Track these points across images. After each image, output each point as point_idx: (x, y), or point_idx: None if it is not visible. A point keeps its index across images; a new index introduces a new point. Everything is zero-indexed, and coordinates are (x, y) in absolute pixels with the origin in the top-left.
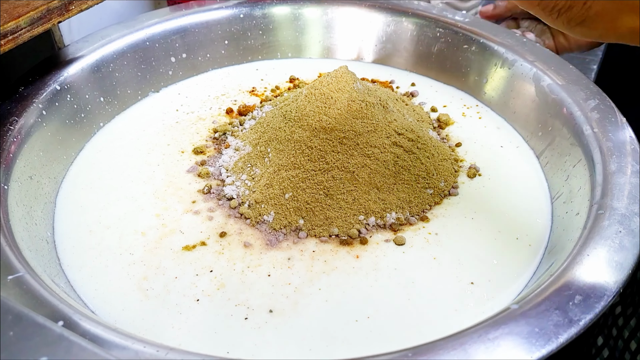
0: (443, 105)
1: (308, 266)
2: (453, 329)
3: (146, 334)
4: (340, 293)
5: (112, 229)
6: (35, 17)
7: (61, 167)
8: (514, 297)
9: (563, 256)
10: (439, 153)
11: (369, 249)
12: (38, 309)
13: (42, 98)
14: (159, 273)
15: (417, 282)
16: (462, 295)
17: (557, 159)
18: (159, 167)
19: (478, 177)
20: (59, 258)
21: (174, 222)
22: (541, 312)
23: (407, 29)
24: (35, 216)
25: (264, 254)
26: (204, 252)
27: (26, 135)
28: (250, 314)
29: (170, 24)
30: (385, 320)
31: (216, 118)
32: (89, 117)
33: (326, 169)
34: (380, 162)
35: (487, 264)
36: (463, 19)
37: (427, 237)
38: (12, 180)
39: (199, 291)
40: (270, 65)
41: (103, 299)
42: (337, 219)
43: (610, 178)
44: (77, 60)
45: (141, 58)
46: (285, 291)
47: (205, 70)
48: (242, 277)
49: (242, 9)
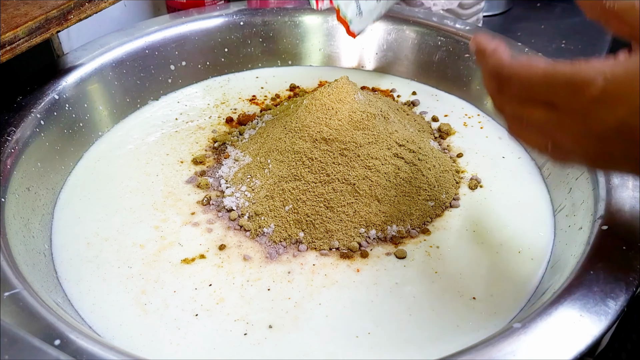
0: (444, 114)
1: (308, 280)
2: (455, 345)
3: (144, 349)
4: (340, 308)
5: (110, 241)
6: (33, 27)
7: (59, 178)
8: (517, 312)
9: (566, 272)
10: (440, 164)
11: (369, 262)
12: (34, 325)
13: (40, 108)
14: (158, 287)
15: (418, 297)
16: (464, 311)
17: (559, 171)
18: (158, 178)
19: (479, 188)
20: (56, 271)
21: (173, 234)
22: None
23: (408, 37)
24: (33, 229)
25: (264, 268)
26: (203, 266)
27: (24, 145)
28: (250, 330)
29: (169, 31)
30: (386, 336)
31: (216, 127)
32: (87, 126)
33: (327, 181)
34: (381, 174)
35: (489, 278)
36: (464, 27)
37: (428, 251)
38: (9, 193)
39: (197, 305)
40: (270, 73)
41: (100, 314)
42: (338, 231)
43: (613, 192)
44: (75, 68)
45: (140, 66)
46: (285, 306)
47: (205, 78)
48: (241, 291)
49: (242, 17)
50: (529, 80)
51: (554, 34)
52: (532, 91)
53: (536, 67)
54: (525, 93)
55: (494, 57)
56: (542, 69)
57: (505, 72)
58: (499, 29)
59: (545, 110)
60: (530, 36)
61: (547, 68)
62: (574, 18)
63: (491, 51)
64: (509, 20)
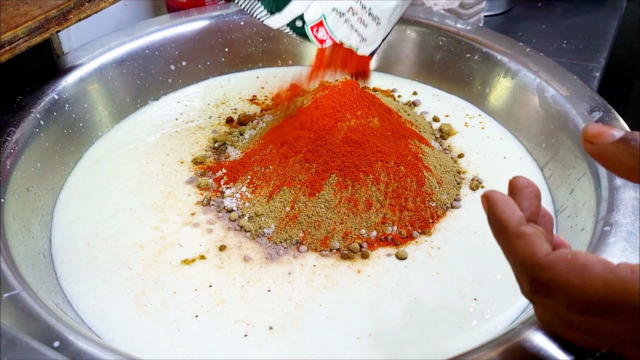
0: (445, 114)
1: (309, 281)
2: (456, 347)
3: (144, 351)
4: (341, 309)
5: (110, 242)
6: (33, 27)
7: (59, 178)
8: (518, 314)
9: None
10: (441, 165)
11: (370, 263)
12: (33, 327)
13: (39, 108)
14: (158, 288)
15: (419, 298)
16: (465, 312)
17: (561, 172)
18: (158, 178)
19: (481, 189)
20: (55, 272)
21: (173, 234)
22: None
23: (409, 37)
24: (32, 229)
25: (264, 269)
26: (203, 266)
27: (23, 146)
28: (250, 331)
29: (170, 31)
30: (387, 337)
31: (216, 127)
32: (87, 126)
33: (327, 182)
34: (382, 175)
35: (491, 280)
36: (465, 27)
37: (429, 252)
38: (8, 193)
39: (198, 307)
40: (271, 73)
41: (100, 315)
42: (338, 232)
43: (616, 193)
44: (75, 68)
45: (140, 66)
46: (285, 307)
47: (205, 78)
48: (241, 292)
49: (242, 16)
50: (583, 293)
51: (555, 34)
52: (587, 306)
53: (594, 276)
54: (578, 306)
55: (524, 249)
56: (602, 280)
57: (546, 276)
58: (500, 29)
59: (609, 322)
60: (531, 36)
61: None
62: (575, 18)
63: (516, 234)
64: (510, 20)
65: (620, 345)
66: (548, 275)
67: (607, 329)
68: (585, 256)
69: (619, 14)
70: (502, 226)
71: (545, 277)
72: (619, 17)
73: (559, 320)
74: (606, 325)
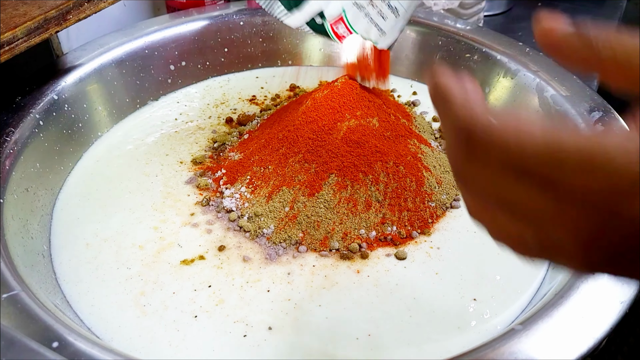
0: None
1: (308, 281)
2: (456, 347)
3: (143, 351)
4: (340, 309)
5: (110, 242)
6: (32, 27)
7: (58, 178)
8: (518, 314)
9: (568, 274)
10: (441, 165)
11: (369, 263)
12: (32, 328)
13: (39, 108)
14: (157, 288)
15: (418, 298)
16: (465, 312)
17: None
18: (157, 178)
19: None
20: (55, 272)
21: (172, 235)
22: (546, 333)
23: (408, 37)
24: (31, 229)
25: (263, 269)
26: (202, 267)
27: (23, 146)
28: (249, 331)
29: (169, 31)
30: (387, 338)
31: (215, 127)
32: (86, 126)
33: (327, 182)
34: (381, 175)
35: (490, 280)
36: (465, 27)
37: (428, 252)
38: (7, 193)
39: (197, 307)
40: (270, 73)
41: (99, 315)
42: (338, 232)
43: None
44: (75, 69)
45: (140, 66)
46: (284, 307)
47: (204, 78)
48: (241, 292)
49: (242, 16)
50: (520, 150)
51: None
52: (522, 167)
53: (531, 132)
54: (512, 168)
55: (464, 111)
56: (542, 137)
57: (481, 135)
58: (499, 28)
59: (538, 193)
60: (531, 36)
61: (549, 137)
62: (574, 18)
63: (460, 101)
64: (510, 20)
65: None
66: (483, 134)
67: (534, 203)
68: (526, 116)
69: (619, 14)
70: (443, 92)
71: (481, 135)
72: (619, 17)
73: (484, 194)
74: (532, 198)
